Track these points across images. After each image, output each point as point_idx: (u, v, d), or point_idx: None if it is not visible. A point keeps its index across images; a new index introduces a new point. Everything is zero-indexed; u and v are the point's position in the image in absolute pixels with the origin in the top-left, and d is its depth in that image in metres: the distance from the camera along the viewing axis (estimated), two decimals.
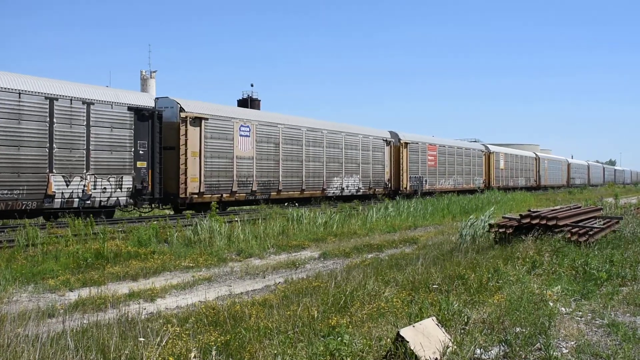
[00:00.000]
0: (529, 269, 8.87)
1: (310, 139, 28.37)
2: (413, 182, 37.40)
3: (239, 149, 23.68)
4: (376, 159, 33.97)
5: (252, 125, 24.54)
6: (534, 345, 5.37)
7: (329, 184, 29.58)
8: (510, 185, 53.75)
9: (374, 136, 34.15)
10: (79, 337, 5.63)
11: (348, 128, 32.30)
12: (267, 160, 25.31)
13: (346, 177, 31.03)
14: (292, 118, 28.04)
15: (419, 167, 38.41)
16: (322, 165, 29.10)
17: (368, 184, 33.00)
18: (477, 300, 6.90)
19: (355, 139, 32.19)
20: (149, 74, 68.45)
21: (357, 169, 32.06)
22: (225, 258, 12.67)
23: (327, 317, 6.24)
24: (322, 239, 15.94)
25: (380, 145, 34.51)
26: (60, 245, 12.60)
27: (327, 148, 29.61)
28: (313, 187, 28.37)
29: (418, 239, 16.32)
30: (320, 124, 30.00)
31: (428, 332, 4.97)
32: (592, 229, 12.31)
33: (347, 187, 31.00)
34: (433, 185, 40.18)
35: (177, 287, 9.88)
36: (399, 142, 36.22)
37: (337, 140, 30.58)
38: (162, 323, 6.51)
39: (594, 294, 7.53)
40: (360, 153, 32.42)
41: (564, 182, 73.43)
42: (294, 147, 27.11)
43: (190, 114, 21.30)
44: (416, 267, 9.56)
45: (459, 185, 44.26)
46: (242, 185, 23.86)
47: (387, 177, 34.91)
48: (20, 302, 8.67)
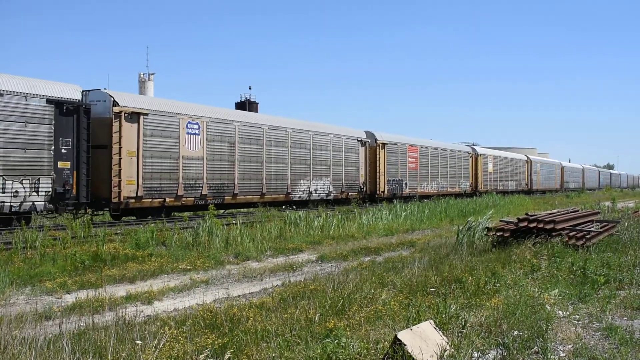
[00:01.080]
0: (527, 273, 8.89)
1: (272, 139, 26.12)
2: (391, 185, 35.40)
3: (186, 148, 21.51)
4: (349, 161, 31.83)
5: (202, 122, 22.33)
6: (531, 348, 5.38)
7: (294, 187, 27.31)
8: (499, 189, 52.08)
9: (347, 136, 31.87)
10: (76, 339, 5.62)
11: (317, 127, 29.94)
12: (220, 161, 23.12)
13: (315, 180, 28.74)
14: (251, 115, 25.98)
15: (399, 170, 36.36)
16: (286, 167, 26.81)
17: (340, 188, 30.83)
18: (475, 304, 6.90)
19: (325, 139, 29.85)
20: (147, 77, 68.50)
21: (327, 171, 29.76)
22: (222, 261, 12.66)
23: (325, 320, 6.24)
24: (319, 242, 15.93)
25: (354, 146, 32.33)
26: (58, 248, 12.58)
27: (292, 148, 27.23)
28: (275, 191, 26.16)
29: (415, 242, 16.32)
30: (284, 122, 27.79)
31: (426, 335, 4.97)
32: (590, 233, 12.34)
33: (315, 190, 28.69)
34: (414, 189, 38.29)
35: (174, 290, 9.87)
36: (376, 142, 34.09)
37: (304, 140, 28.22)
38: (160, 326, 6.49)
39: (591, 297, 7.54)
40: (330, 154, 30.12)
41: (557, 185, 72.05)
42: (252, 147, 24.84)
43: (125, 109, 19.17)
44: (413, 270, 9.56)
45: (443, 189, 42.28)
46: (190, 188, 21.69)
47: (362, 181, 32.79)
48: (17, 304, 8.65)
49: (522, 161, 60.77)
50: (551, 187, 69.13)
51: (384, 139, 35.05)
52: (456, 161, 45.34)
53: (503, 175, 54.47)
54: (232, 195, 23.66)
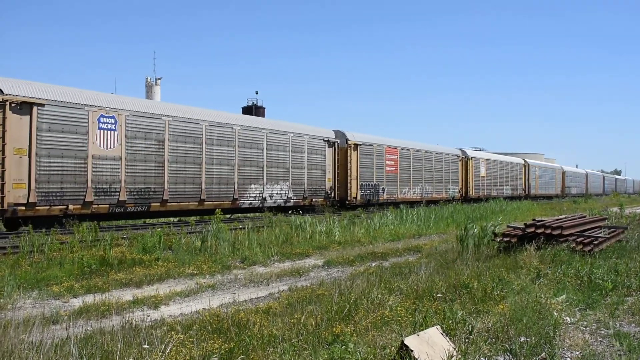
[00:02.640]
0: (534, 278, 8.85)
1: (215, 137, 22.82)
2: (365, 190, 32.25)
3: (98, 145, 18.33)
4: (314, 163, 28.56)
5: (119, 115, 19.06)
6: (538, 354, 5.36)
7: (243, 192, 24.11)
8: (493, 194, 48.77)
9: (311, 135, 28.55)
10: (83, 343, 5.63)
11: (273, 124, 26.77)
12: (144, 162, 19.89)
13: (269, 185, 25.56)
14: (187, 109, 22.38)
15: (374, 174, 33.18)
16: (232, 170, 23.57)
17: (301, 193, 27.61)
18: (482, 310, 6.88)
19: (284, 138, 26.64)
20: (154, 81, 68.79)
21: (285, 174, 26.57)
22: (229, 265, 12.66)
23: (331, 325, 6.23)
24: (325, 247, 15.92)
25: (320, 147, 29.10)
26: (65, 252, 12.62)
27: (240, 148, 23.99)
28: (218, 197, 22.91)
29: (422, 247, 16.29)
30: (230, 117, 24.34)
31: (432, 341, 4.96)
32: (597, 239, 12.28)
33: (270, 196, 25.56)
34: (393, 195, 35.03)
35: (181, 294, 9.88)
36: (347, 143, 30.94)
37: (257, 139, 24.96)
38: (166, 330, 6.51)
39: (599, 303, 7.50)
40: (290, 155, 26.87)
41: (557, 191, 68.64)
42: (188, 146, 21.61)
43: (12, 98, 16.13)
44: (420, 275, 9.54)
45: (427, 195, 39.16)
46: (103, 193, 18.56)
47: (330, 185, 29.54)
48: (24, 308, 8.68)
49: (518, 165, 57.59)
50: (551, 192, 65.87)
51: (357, 139, 32.00)
52: (443, 164, 42.12)
53: (497, 180, 51.44)
54: (160, 202, 20.38)
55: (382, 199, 33.60)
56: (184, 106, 22.17)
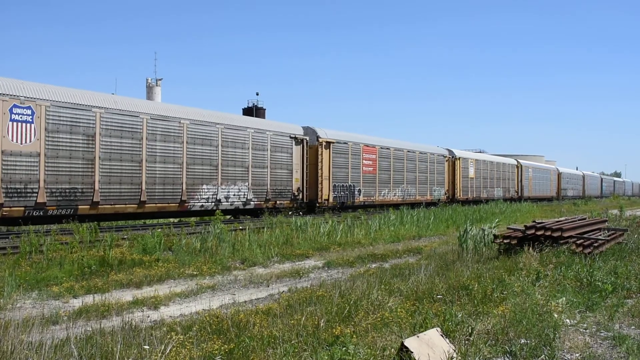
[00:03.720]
0: (534, 280, 8.85)
1: (158, 131, 20.55)
2: (339, 192, 30.26)
3: (10, 140, 16.33)
4: (279, 162, 26.43)
5: (37, 106, 16.95)
6: (538, 356, 5.36)
7: (193, 193, 21.90)
8: (482, 196, 47.13)
9: (275, 131, 26.36)
10: (82, 344, 5.63)
11: (229, 119, 24.34)
12: (69, 159, 17.77)
13: (225, 185, 23.34)
14: (123, 100, 20.02)
15: (349, 174, 31.27)
16: (179, 169, 21.31)
17: (263, 195, 25.47)
18: (482, 311, 6.88)
19: (242, 135, 24.37)
20: (154, 82, 68.84)
21: (244, 174, 24.37)
22: (229, 266, 12.66)
23: (331, 326, 6.23)
24: (326, 248, 15.92)
25: (286, 144, 26.90)
26: (65, 252, 12.62)
27: (190, 145, 21.79)
28: (163, 198, 20.66)
29: (422, 248, 16.29)
30: (177, 111, 21.84)
31: (432, 342, 4.96)
32: (597, 241, 12.28)
33: (226, 198, 23.39)
34: (371, 197, 33.15)
35: (181, 295, 9.88)
36: (318, 140, 28.97)
37: (210, 135, 22.77)
38: (166, 331, 6.51)
39: (599, 305, 7.50)
40: (250, 153, 24.67)
41: (553, 193, 67.19)
42: (125, 142, 19.37)
43: None
44: (420, 277, 9.54)
45: (410, 197, 37.27)
46: (17, 194, 16.49)
47: (297, 186, 27.38)
48: (24, 308, 8.68)
49: (510, 166, 55.67)
50: (546, 194, 64.31)
51: (330, 136, 29.97)
52: (427, 165, 40.00)
53: (487, 181, 49.42)
54: (90, 204, 18.32)
55: (358, 202, 31.85)
56: (119, 97, 20.06)
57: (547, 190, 65.14)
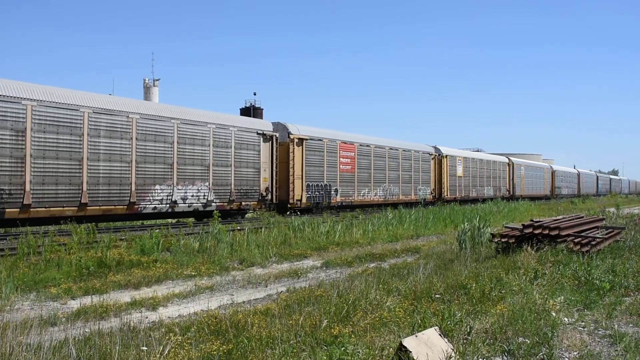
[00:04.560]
0: (532, 279, 8.86)
1: (102, 127, 18.78)
2: (313, 192, 28.51)
3: None
4: (245, 160, 24.56)
5: None
6: (536, 355, 5.36)
7: (144, 195, 20.13)
8: (472, 196, 45.56)
9: (240, 127, 24.51)
10: (81, 345, 5.63)
11: (188, 114, 22.37)
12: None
13: (182, 186, 21.51)
14: (60, 91, 18.13)
15: (325, 173, 29.48)
16: (127, 167, 19.57)
17: (227, 195, 23.59)
18: (480, 310, 6.89)
19: (202, 130, 22.59)
20: (152, 83, 68.82)
21: (204, 173, 22.56)
22: (227, 267, 12.66)
23: (330, 326, 6.24)
24: (324, 248, 15.93)
25: (253, 141, 25.03)
26: (63, 254, 12.61)
27: (140, 141, 19.98)
28: (108, 200, 18.98)
29: (420, 248, 16.30)
30: (125, 104, 20.02)
31: (431, 342, 4.97)
32: (595, 239, 12.30)
33: (183, 199, 21.55)
34: (349, 197, 31.46)
35: (179, 296, 9.87)
36: (289, 137, 27.32)
37: (163, 131, 20.89)
38: (164, 332, 6.50)
39: (596, 304, 7.52)
40: (211, 150, 22.86)
41: (546, 192, 65.63)
42: (62, 138, 17.73)
43: None
44: (418, 276, 9.55)
45: (392, 197, 35.59)
46: None
47: (265, 186, 25.53)
48: (22, 310, 8.67)
49: (501, 164, 53.77)
50: (539, 193, 62.61)
51: (302, 132, 28.23)
52: (412, 163, 38.14)
53: (477, 180, 47.57)
54: (20, 207, 16.64)
55: (335, 202, 30.21)
56: (56, 88, 18.15)
57: (540, 189, 63.73)
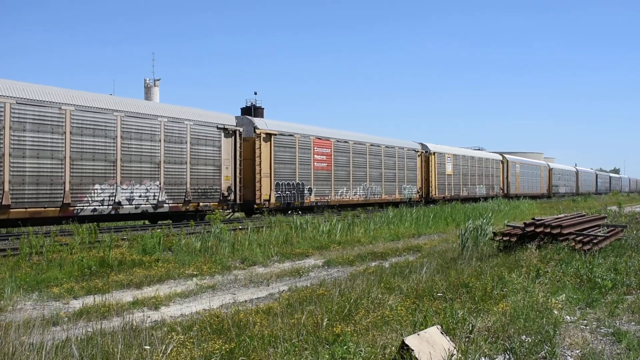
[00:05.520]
0: (534, 277, 8.86)
1: (28, 120, 16.88)
2: (283, 191, 26.63)
3: None
4: (202, 157, 22.49)
5: None
6: (539, 353, 5.36)
7: (81, 195, 18.12)
8: (462, 195, 43.55)
9: (197, 121, 22.39)
10: (83, 345, 5.63)
11: (134, 105, 20.30)
12: None
13: (127, 185, 19.43)
14: None
15: (297, 171, 27.50)
16: (60, 165, 17.58)
17: (182, 196, 21.41)
18: (482, 309, 6.89)
19: (151, 124, 20.37)
20: (152, 83, 68.83)
21: (154, 171, 20.40)
22: (229, 266, 12.66)
23: (332, 325, 6.24)
24: (325, 247, 15.93)
25: (213, 136, 23.00)
26: (65, 254, 12.62)
27: (76, 136, 17.94)
28: (36, 201, 17.03)
29: (422, 246, 16.30)
30: (58, 94, 17.88)
31: (433, 340, 4.96)
32: (597, 238, 12.30)
33: (129, 200, 19.51)
34: (325, 196, 29.41)
35: (181, 295, 9.88)
36: (255, 132, 25.35)
37: (105, 125, 18.83)
38: (167, 331, 6.51)
39: (598, 302, 7.51)
40: (162, 146, 20.68)
41: (543, 190, 63.77)
42: None
43: None
44: (420, 275, 9.55)
45: (374, 196, 33.56)
46: None
47: (227, 185, 23.51)
48: (24, 310, 8.67)
49: (495, 161, 51.63)
50: (535, 192, 60.48)
51: (271, 127, 26.39)
52: (396, 160, 36.01)
53: (468, 178, 45.44)
54: None
55: (309, 202, 28.31)
56: None
57: (536, 187, 62.07)
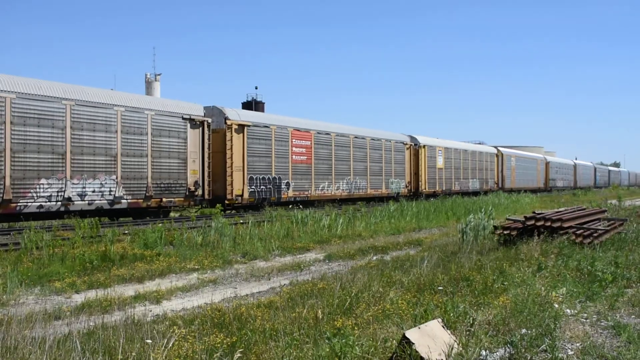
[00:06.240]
0: (534, 271, 8.87)
1: None
2: (258, 186, 25.19)
3: None
4: (166, 149, 20.96)
5: None
6: (539, 347, 5.37)
7: (25, 191, 16.85)
8: (454, 189, 42.26)
9: (159, 111, 20.78)
10: (85, 339, 5.67)
11: (85, 93, 18.63)
12: None
13: (78, 179, 17.96)
14: None
15: (273, 164, 26.06)
16: (0, 157, 16.32)
17: (143, 191, 19.90)
18: (483, 302, 6.91)
19: (106, 114, 18.90)
20: (153, 77, 68.74)
21: (110, 164, 18.98)
22: (230, 260, 12.69)
23: (333, 318, 6.26)
24: (326, 241, 15.95)
25: (178, 127, 21.46)
26: (66, 248, 12.65)
27: (18, 126, 16.69)
28: None
29: (422, 240, 16.31)
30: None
31: (433, 333, 4.98)
32: (597, 231, 12.31)
33: (81, 196, 18.06)
34: (304, 191, 28.04)
35: (182, 289, 9.91)
36: (226, 123, 23.80)
37: (52, 114, 17.45)
38: (168, 325, 6.53)
39: (599, 295, 7.52)
40: (119, 137, 19.21)
41: (540, 184, 62.58)
42: None
43: None
44: (421, 268, 9.57)
45: (359, 191, 32.26)
46: None
47: (194, 180, 22.00)
48: (26, 304, 8.71)
49: (489, 154, 50.33)
50: (532, 185, 58.80)
51: (244, 118, 24.92)
52: (383, 153, 34.71)
53: (460, 172, 44.27)
54: None
55: (287, 197, 27.01)
56: None
57: (532, 181, 60.67)
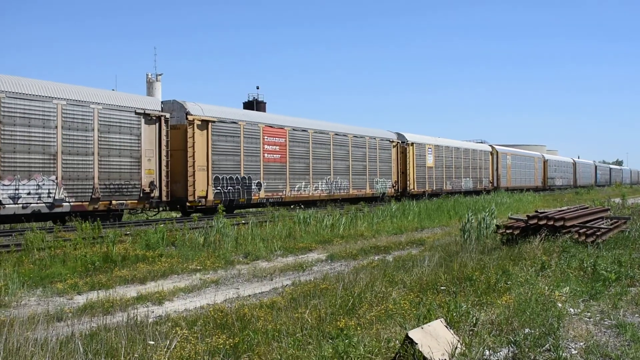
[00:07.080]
0: (537, 270, 8.85)
1: None
2: (225, 186, 23.25)
3: None
4: (117, 147, 19.09)
5: None
6: (543, 346, 5.35)
7: None
8: (446, 188, 40.67)
9: (107, 105, 18.85)
10: (87, 340, 5.65)
11: (19, 85, 16.70)
12: None
13: (9, 181, 16.16)
14: None
15: (242, 163, 24.13)
16: None
17: (88, 192, 18.15)
18: (486, 302, 6.89)
19: (45, 108, 17.05)
20: (154, 77, 68.78)
21: (49, 163, 17.13)
22: (232, 261, 12.68)
23: (335, 319, 6.25)
24: (328, 241, 15.93)
25: (130, 123, 19.53)
26: (68, 249, 12.64)
27: None
28: None
29: (425, 240, 16.29)
30: None
31: (437, 333, 4.96)
32: (600, 230, 12.27)
33: (14, 198, 16.21)
34: (278, 192, 26.10)
35: (185, 290, 9.90)
36: (187, 119, 21.74)
37: None
38: (171, 326, 6.52)
39: (602, 294, 7.50)
40: (59, 134, 17.37)
41: (537, 183, 60.80)
42: None
43: None
44: (423, 268, 9.55)
45: (340, 191, 30.34)
46: None
47: (149, 180, 20.05)
48: (28, 305, 8.70)
49: (483, 152, 48.46)
50: (529, 184, 57.04)
51: (208, 113, 22.78)
52: (367, 151, 32.89)
53: (452, 170, 42.52)
54: None
55: (257, 198, 25.00)
56: None
57: (530, 180, 58.80)
